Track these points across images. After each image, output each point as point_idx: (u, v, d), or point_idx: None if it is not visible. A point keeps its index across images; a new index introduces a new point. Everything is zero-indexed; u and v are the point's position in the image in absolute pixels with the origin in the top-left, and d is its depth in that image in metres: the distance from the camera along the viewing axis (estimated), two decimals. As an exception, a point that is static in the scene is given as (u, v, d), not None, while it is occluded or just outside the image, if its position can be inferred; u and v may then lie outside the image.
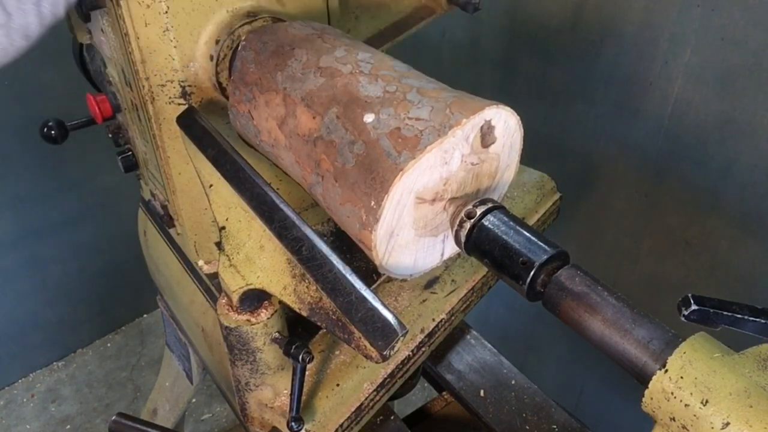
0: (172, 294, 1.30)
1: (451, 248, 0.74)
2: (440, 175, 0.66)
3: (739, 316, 0.56)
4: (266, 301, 0.80)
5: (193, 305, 1.15)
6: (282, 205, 0.77)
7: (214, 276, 1.07)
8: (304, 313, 0.70)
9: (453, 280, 0.96)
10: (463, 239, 0.67)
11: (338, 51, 0.77)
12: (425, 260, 0.73)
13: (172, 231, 1.15)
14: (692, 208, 1.44)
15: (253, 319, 0.79)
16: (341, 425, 0.84)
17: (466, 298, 0.98)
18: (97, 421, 2.31)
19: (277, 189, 0.82)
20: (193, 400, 2.37)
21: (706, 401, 0.49)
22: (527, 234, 0.64)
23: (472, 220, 0.66)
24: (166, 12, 0.88)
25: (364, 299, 0.65)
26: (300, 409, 0.78)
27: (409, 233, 0.69)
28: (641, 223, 1.58)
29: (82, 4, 0.90)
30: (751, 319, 0.56)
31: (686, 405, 0.50)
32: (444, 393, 1.18)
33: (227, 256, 0.78)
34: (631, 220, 1.60)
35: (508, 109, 0.69)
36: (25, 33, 0.77)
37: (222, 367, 1.07)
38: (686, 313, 0.56)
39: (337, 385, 0.85)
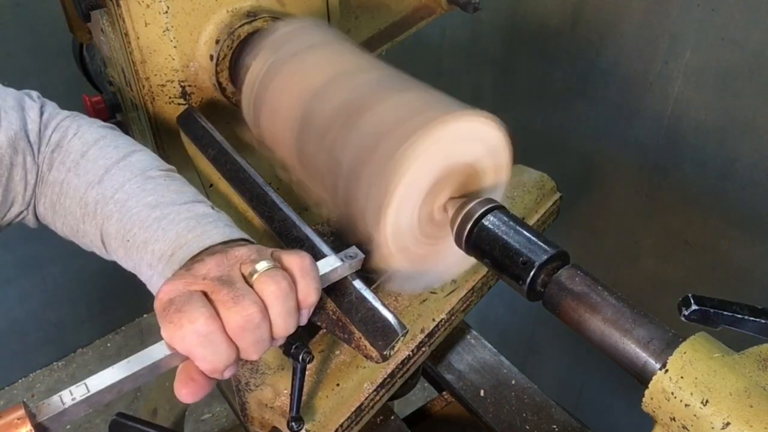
0: (172, 294, 1.29)
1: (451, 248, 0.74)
2: (439, 175, 0.66)
3: (739, 316, 0.56)
4: (266, 301, 0.80)
5: (193, 305, 1.15)
6: (282, 205, 0.77)
7: (214, 276, 1.07)
8: (304, 313, 0.70)
9: (453, 280, 0.96)
10: (463, 239, 0.67)
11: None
12: (431, 263, 0.74)
13: (172, 231, 1.15)
14: (692, 208, 1.44)
15: (253, 319, 0.78)
16: (341, 425, 0.84)
17: (466, 298, 0.98)
18: (97, 421, 2.31)
19: (277, 189, 0.82)
20: (193, 400, 2.37)
21: (707, 401, 0.49)
22: (527, 234, 0.64)
23: (472, 220, 0.66)
24: (166, 12, 0.88)
25: (364, 299, 0.65)
26: (300, 409, 0.78)
27: (410, 233, 0.69)
28: (641, 223, 1.58)
29: (82, 3, 0.90)
30: (752, 319, 0.56)
31: (686, 405, 0.50)
32: (444, 393, 1.18)
33: (227, 256, 0.77)
34: (631, 220, 1.60)
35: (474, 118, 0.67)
36: None
37: (222, 367, 1.07)
38: (686, 313, 0.56)
39: (337, 385, 0.85)
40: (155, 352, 0.55)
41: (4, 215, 0.77)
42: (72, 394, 0.52)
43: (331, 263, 0.65)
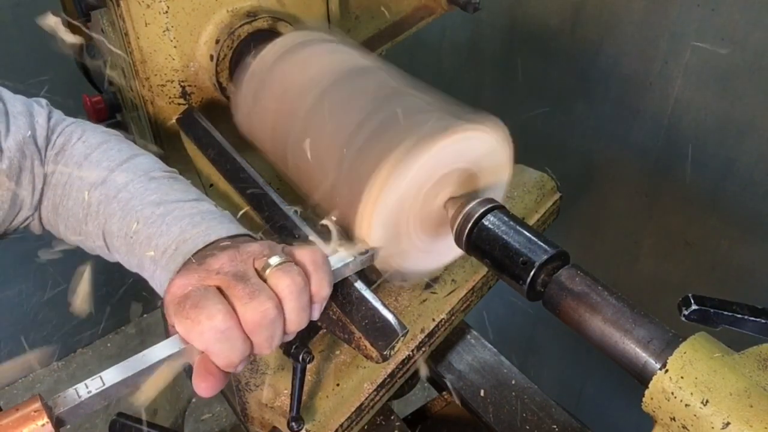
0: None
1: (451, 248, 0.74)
2: (437, 175, 0.66)
3: (739, 315, 0.56)
4: (266, 301, 0.80)
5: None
6: (282, 205, 0.77)
7: (214, 276, 1.07)
8: (304, 313, 0.70)
9: (453, 280, 0.96)
10: (463, 239, 0.67)
11: None
12: (427, 260, 0.74)
13: (172, 231, 1.15)
14: (692, 208, 1.44)
15: (253, 319, 0.78)
16: (341, 425, 0.84)
17: (466, 298, 0.98)
18: (97, 421, 2.31)
19: (277, 189, 0.82)
20: (193, 400, 2.37)
21: (707, 401, 0.49)
22: (527, 234, 0.64)
23: (472, 220, 0.66)
24: (166, 12, 0.88)
25: (364, 299, 0.65)
26: (300, 409, 0.78)
27: (411, 233, 0.69)
28: (641, 223, 1.58)
29: (82, 3, 0.90)
30: (752, 319, 0.56)
31: (686, 405, 0.50)
32: (444, 393, 1.18)
33: (227, 256, 0.77)
34: (631, 220, 1.60)
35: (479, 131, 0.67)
36: None
37: (222, 367, 1.07)
38: (686, 313, 0.56)
39: (337, 385, 0.85)
40: (170, 346, 0.55)
41: (12, 220, 0.77)
42: (87, 387, 0.52)
43: (343, 258, 0.65)
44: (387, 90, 0.74)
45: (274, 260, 0.57)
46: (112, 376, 0.53)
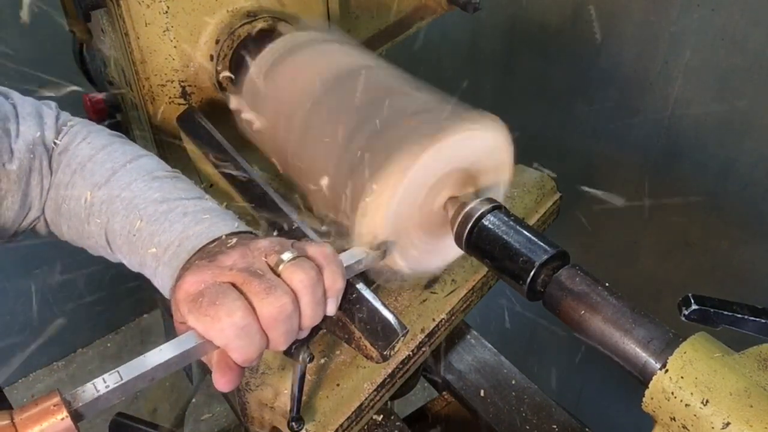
0: (172, 294, 1.29)
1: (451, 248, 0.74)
2: (438, 175, 0.66)
3: (739, 315, 0.56)
4: (266, 301, 0.80)
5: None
6: (282, 205, 0.77)
7: (214, 276, 1.07)
8: (304, 313, 0.70)
9: (453, 280, 0.96)
10: (463, 239, 0.67)
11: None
12: (426, 260, 0.74)
13: (172, 231, 1.15)
14: (692, 208, 1.44)
15: (253, 319, 0.78)
16: (341, 425, 0.84)
17: (466, 298, 0.97)
18: (97, 421, 2.30)
19: (277, 189, 0.82)
20: (193, 400, 2.37)
21: (707, 401, 0.49)
22: (527, 234, 0.64)
23: (472, 220, 0.66)
24: (166, 12, 0.88)
25: (365, 299, 0.65)
26: (300, 409, 0.78)
27: (411, 233, 0.69)
28: (641, 223, 1.58)
29: (82, 3, 0.90)
30: (752, 318, 0.56)
31: (687, 405, 0.50)
32: (444, 393, 1.18)
33: (227, 256, 0.77)
34: (631, 220, 1.60)
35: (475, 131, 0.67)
36: None
37: (222, 367, 1.07)
38: (686, 312, 0.56)
39: (337, 385, 0.85)
40: (185, 342, 0.56)
41: (21, 221, 0.77)
42: (105, 382, 0.53)
43: (355, 255, 0.65)
44: (387, 89, 0.74)
45: (287, 256, 0.57)
46: (129, 370, 0.54)
